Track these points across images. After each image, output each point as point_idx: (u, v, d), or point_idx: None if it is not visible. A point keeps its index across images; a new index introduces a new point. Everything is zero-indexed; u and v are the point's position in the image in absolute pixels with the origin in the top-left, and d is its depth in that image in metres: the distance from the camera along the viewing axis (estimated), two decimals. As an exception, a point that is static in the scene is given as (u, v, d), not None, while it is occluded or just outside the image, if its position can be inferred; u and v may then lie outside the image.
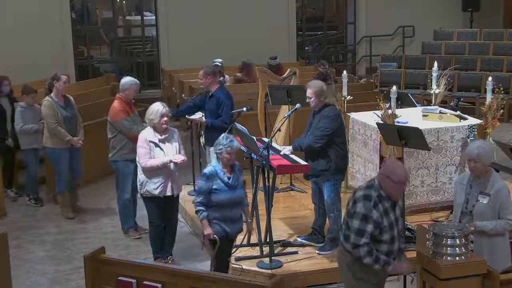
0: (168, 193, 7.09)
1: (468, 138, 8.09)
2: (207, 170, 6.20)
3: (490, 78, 8.68)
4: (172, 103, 14.62)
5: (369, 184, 5.21)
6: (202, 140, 8.55)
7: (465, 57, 15.59)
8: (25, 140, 9.22)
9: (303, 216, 8.18)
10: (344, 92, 9.10)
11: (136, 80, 8.05)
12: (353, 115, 8.85)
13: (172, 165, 7.04)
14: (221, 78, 9.15)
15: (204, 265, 7.16)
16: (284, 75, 9.89)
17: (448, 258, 5.08)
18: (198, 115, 8.46)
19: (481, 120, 8.41)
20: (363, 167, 8.56)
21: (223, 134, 6.31)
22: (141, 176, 7.08)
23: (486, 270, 5.10)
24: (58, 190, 8.97)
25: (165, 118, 7.03)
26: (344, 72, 9.57)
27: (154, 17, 17.77)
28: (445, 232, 5.14)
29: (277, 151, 7.21)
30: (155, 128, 7.04)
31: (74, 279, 7.17)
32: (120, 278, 5.33)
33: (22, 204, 9.52)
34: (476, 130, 8.18)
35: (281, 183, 9.30)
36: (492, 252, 5.48)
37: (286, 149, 7.16)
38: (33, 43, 15.22)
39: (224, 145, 6.08)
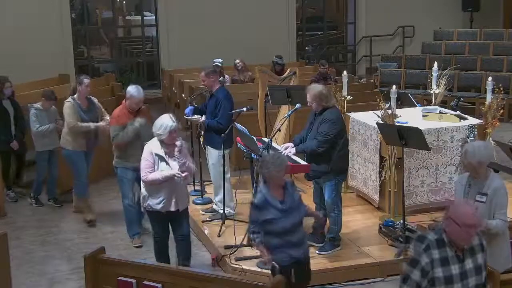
0: (172, 208, 6.59)
1: (468, 138, 8.09)
2: (256, 199, 5.43)
3: (490, 78, 8.68)
4: (172, 103, 14.65)
5: (434, 226, 4.64)
6: (202, 140, 8.55)
7: (465, 57, 15.59)
8: (41, 142, 9.07)
9: (303, 216, 8.16)
10: (344, 92, 9.10)
11: (136, 93, 7.70)
12: (353, 115, 8.84)
13: (177, 178, 6.55)
14: (221, 78, 9.15)
15: (204, 265, 7.16)
16: (284, 75, 9.90)
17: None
18: (196, 116, 8.45)
19: (481, 120, 8.42)
20: (363, 167, 8.56)
21: (269, 153, 5.78)
22: (143, 190, 6.66)
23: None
24: (77, 193, 8.90)
25: (174, 134, 6.51)
26: (344, 72, 9.56)
27: (154, 17, 17.79)
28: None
29: (277, 151, 7.20)
30: (162, 142, 6.55)
31: (74, 279, 7.17)
32: (120, 278, 5.33)
33: (22, 204, 9.51)
34: (476, 130, 8.18)
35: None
36: (492, 252, 5.47)
37: (288, 150, 7.13)
38: (33, 43, 15.23)
39: (273, 164, 5.34)
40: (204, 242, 7.93)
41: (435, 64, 9.36)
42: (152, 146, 6.56)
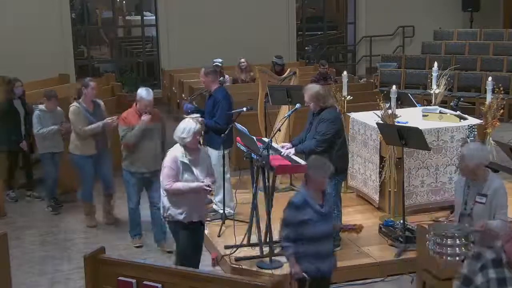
0: (195, 219, 6.38)
1: (468, 138, 8.09)
2: (296, 199, 5.35)
3: (490, 78, 8.69)
4: (172, 103, 14.65)
5: (493, 244, 4.43)
6: (201, 140, 8.54)
7: (465, 57, 15.59)
8: (43, 144, 9.00)
9: (303, 216, 8.15)
10: (344, 92, 9.10)
11: (146, 95, 7.56)
12: (353, 115, 8.84)
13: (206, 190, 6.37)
14: (221, 78, 9.16)
15: (204, 265, 7.16)
16: (284, 75, 9.90)
17: (448, 258, 5.08)
18: (195, 115, 8.44)
19: (481, 120, 8.42)
20: (363, 167, 8.56)
21: (316, 158, 5.65)
22: (164, 199, 6.36)
23: (486, 270, 5.09)
24: (82, 197, 8.76)
25: (198, 137, 6.37)
26: (344, 72, 9.57)
27: (154, 17, 17.78)
28: (445, 232, 5.14)
29: (277, 151, 7.21)
30: (186, 147, 6.29)
31: (74, 279, 7.17)
32: (120, 278, 5.33)
33: (22, 204, 9.51)
34: (476, 130, 8.18)
35: (281, 183, 9.30)
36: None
37: (288, 150, 7.13)
38: (33, 43, 15.22)
39: (322, 169, 5.34)
40: (204, 242, 7.91)
41: (435, 64, 9.36)
42: (176, 153, 6.29)
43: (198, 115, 8.28)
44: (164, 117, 7.85)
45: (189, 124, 6.30)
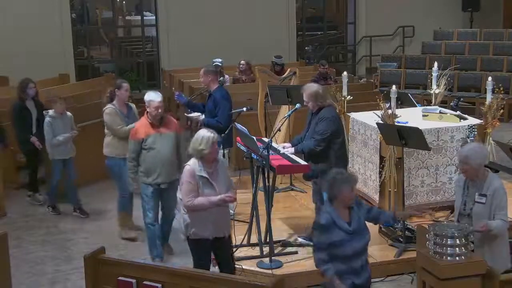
0: (220, 234, 6.06)
1: (468, 138, 8.09)
2: (322, 219, 5.06)
3: (490, 78, 8.68)
4: (172, 103, 14.64)
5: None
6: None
7: (465, 57, 15.59)
8: (55, 150, 8.81)
9: (303, 216, 8.17)
10: (344, 92, 9.10)
11: (155, 97, 7.13)
12: (353, 115, 8.84)
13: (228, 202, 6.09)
14: (221, 78, 9.16)
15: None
16: (284, 75, 9.90)
17: (448, 258, 5.08)
18: (196, 113, 8.45)
19: (481, 120, 8.41)
20: (363, 167, 8.56)
21: (337, 172, 5.26)
22: (185, 216, 6.00)
23: (486, 270, 5.10)
24: (120, 207, 8.23)
25: (216, 146, 5.97)
26: (344, 72, 9.57)
27: (154, 17, 17.80)
28: (445, 232, 5.14)
29: (277, 151, 7.21)
30: (203, 159, 5.91)
31: (74, 279, 7.16)
32: (120, 278, 5.33)
33: (22, 204, 9.51)
34: (476, 130, 8.18)
35: (281, 183, 9.30)
36: (492, 253, 5.47)
37: (287, 149, 7.14)
38: (33, 43, 15.22)
39: (343, 181, 5.03)
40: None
41: (435, 64, 9.36)
42: (194, 167, 5.93)
43: (199, 114, 8.30)
44: (180, 125, 7.37)
45: (206, 134, 5.91)
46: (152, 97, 7.14)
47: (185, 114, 8.58)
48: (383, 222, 5.65)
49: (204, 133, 5.93)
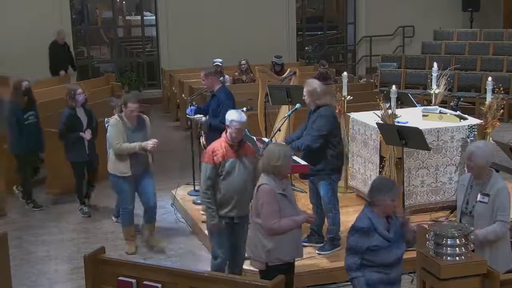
0: (300, 255, 5.75)
1: (468, 138, 8.09)
2: (362, 223, 4.89)
3: (490, 78, 8.69)
4: (172, 103, 14.65)
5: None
6: (202, 140, 8.55)
7: (465, 57, 15.59)
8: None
9: (303, 216, 8.15)
10: (344, 92, 9.10)
11: (239, 118, 6.21)
12: (353, 115, 8.85)
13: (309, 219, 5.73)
14: (221, 78, 9.17)
15: (204, 265, 7.16)
16: (284, 75, 9.91)
17: (448, 258, 5.07)
18: (198, 115, 8.46)
19: (481, 120, 8.42)
20: (363, 167, 8.56)
21: (382, 179, 5.18)
22: (264, 242, 5.48)
23: (486, 270, 5.10)
24: (122, 223, 7.93)
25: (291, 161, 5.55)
26: (344, 72, 9.57)
27: (154, 17, 17.80)
28: (445, 232, 5.13)
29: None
30: (277, 176, 5.50)
31: (74, 279, 7.17)
32: (120, 278, 5.33)
33: (22, 204, 9.50)
34: (476, 130, 8.18)
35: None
36: (493, 253, 5.47)
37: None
38: (33, 43, 15.22)
39: (385, 191, 4.87)
40: (204, 242, 7.92)
41: (435, 64, 9.37)
42: (271, 185, 5.48)
43: (201, 116, 8.30)
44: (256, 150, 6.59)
45: (281, 149, 5.55)
46: (236, 117, 6.21)
47: (187, 116, 8.59)
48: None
49: (280, 148, 5.57)
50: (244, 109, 7.96)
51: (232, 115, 6.19)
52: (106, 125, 8.23)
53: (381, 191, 4.90)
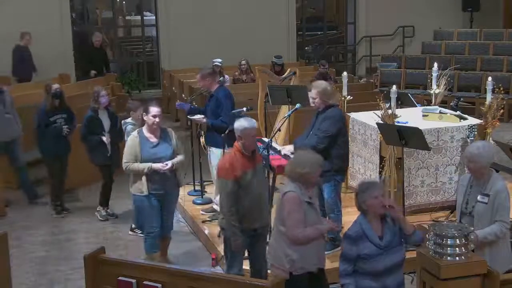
0: (323, 264, 5.51)
1: (468, 138, 8.09)
2: (351, 230, 4.80)
3: (490, 78, 8.69)
4: (172, 103, 14.65)
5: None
6: (202, 140, 8.55)
7: (465, 57, 15.60)
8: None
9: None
10: (344, 92, 9.10)
11: (250, 124, 6.01)
12: (353, 115, 8.85)
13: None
14: (221, 78, 9.16)
15: (204, 265, 7.16)
16: (284, 75, 9.91)
17: (448, 258, 5.07)
18: (199, 116, 8.46)
19: (481, 120, 8.42)
20: (363, 167, 8.56)
21: (364, 180, 5.08)
22: (288, 251, 5.28)
23: (486, 270, 5.10)
24: (145, 249, 7.13)
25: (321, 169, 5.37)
26: (344, 72, 9.57)
27: (154, 17, 17.79)
28: (445, 232, 5.13)
29: (277, 151, 7.20)
30: (305, 183, 5.29)
31: (74, 279, 7.17)
32: (120, 278, 5.33)
33: (22, 204, 9.51)
34: (476, 130, 8.18)
35: (281, 183, 9.28)
36: (493, 253, 5.47)
37: (286, 149, 7.15)
38: (33, 43, 15.20)
39: (364, 190, 4.81)
40: (204, 242, 7.93)
41: (435, 64, 9.37)
42: (298, 193, 5.26)
43: (202, 116, 8.29)
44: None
45: (309, 156, 5.35)
46: (247, 124, 5.96)
47: (187, 116, 8.59)
48: (413, 243, 5.21)
49: (309, 155, 5.35)
50: (244, 109, 7.97)
51: (242, 124, 5.94)
52: (124, 126, 8.19)
53: (362, 192, 4.89)
